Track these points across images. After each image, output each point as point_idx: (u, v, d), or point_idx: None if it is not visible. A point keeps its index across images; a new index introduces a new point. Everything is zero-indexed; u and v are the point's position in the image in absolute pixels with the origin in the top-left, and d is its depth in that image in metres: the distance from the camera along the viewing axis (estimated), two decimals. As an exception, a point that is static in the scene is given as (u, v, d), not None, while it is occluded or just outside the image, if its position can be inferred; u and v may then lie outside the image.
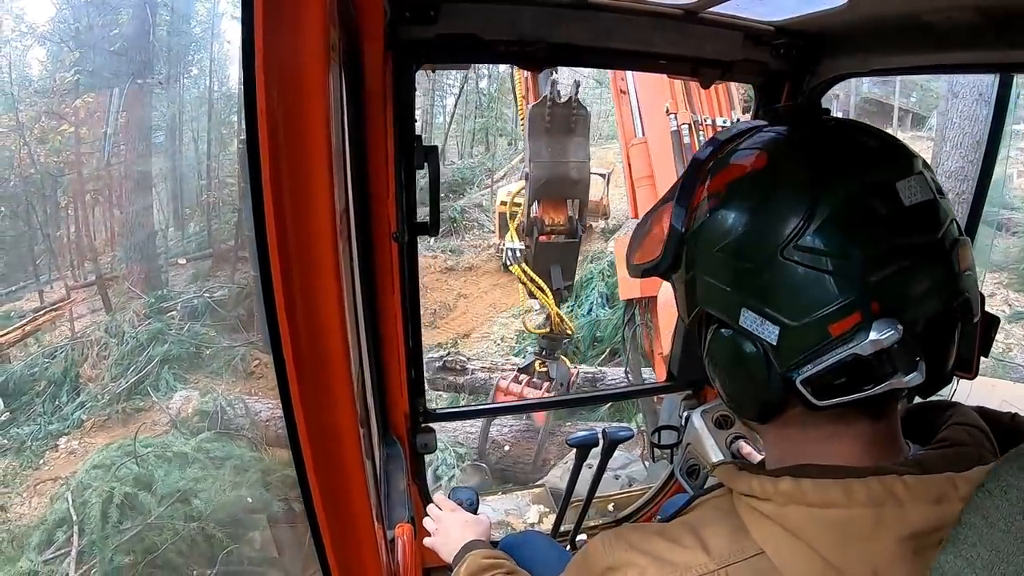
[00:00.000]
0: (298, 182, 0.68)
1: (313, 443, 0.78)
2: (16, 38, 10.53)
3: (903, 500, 0.54)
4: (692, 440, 1.67)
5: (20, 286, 10.10)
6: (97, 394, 7.64)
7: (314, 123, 0.67)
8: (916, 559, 0.54)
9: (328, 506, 0.83)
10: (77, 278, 10.05)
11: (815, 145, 0.60)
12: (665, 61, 1.47)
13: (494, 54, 1.32)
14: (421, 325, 1.52)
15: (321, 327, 0.74)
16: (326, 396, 0.77)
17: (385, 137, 1.25)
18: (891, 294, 0.54)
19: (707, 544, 0.60)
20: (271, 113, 0.64)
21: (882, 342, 0.53)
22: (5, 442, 7.04)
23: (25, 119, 9.70)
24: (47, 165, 9.69)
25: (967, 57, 1.13)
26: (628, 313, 4.33)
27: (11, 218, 9.89)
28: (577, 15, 1.28)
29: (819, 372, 0.56)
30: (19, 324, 8.75)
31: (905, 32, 1.17)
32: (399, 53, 1.22)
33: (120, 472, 5.67)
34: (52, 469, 6.61)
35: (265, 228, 0.67)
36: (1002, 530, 0.48)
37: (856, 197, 0.55)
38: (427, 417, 1.60)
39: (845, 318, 0.54)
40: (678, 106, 3.77)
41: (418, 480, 1.65)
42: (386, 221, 1.32)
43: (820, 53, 1.42)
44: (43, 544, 5.34)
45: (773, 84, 1.51)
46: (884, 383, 0.55)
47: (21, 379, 7.91)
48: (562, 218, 4.11)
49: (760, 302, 0.57)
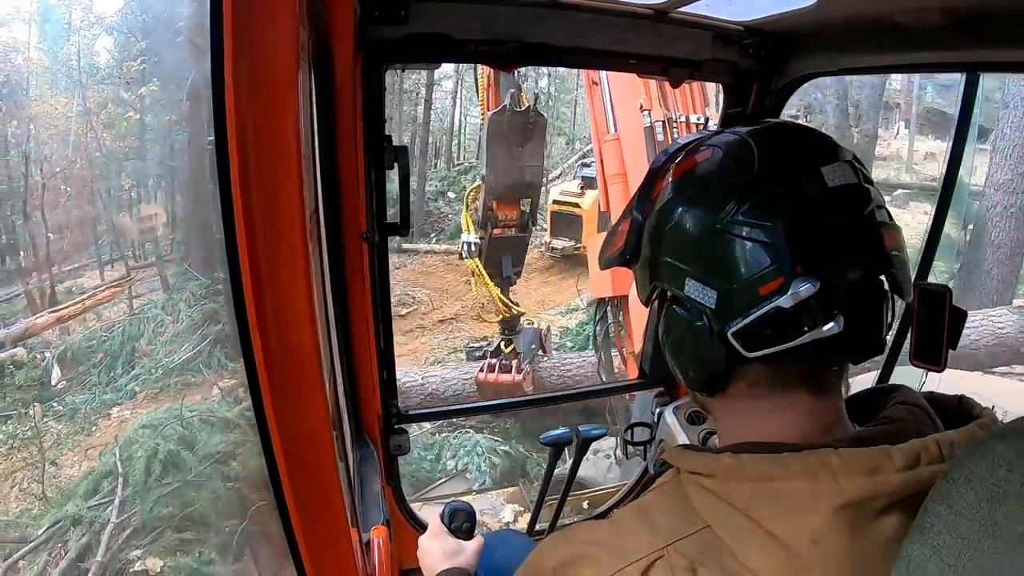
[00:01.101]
0: (267, 182, 0.67)
1: (286, 446, 0.78)
2: (85, 27, 11.22)
3: (837, 471, 0.57)
4: (665, 436, 1.68)
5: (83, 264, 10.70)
6: (151, 368, 8.02)
7: (284, 123, 0.67)
8: (854, 528, 0.57)
9: (302, 509, 0.83)
10: (138, 258, 10.75)
11: (756, 139, 0.66)
12: (636, 60, 1.49)
13: (465, 54, 1.32)
14: (392, 325, 1.51)
15: (292, 328, 0.73)
16: (298, 398, 0.77)
17: (355, 137, 1.24)
18: (813, 260, 0.60)
19: (655, 524, 0.64)
20: (240, 113, 0.64)
21: (800, 295, 0.59)
22: (60, 408, 7.52)
23: (92, 105, 10.27)
24: (112, 149, 10.33)
25: (935, 56, 1.17)
26: (600, 312, 4.39)
27: (76, 199, 10.37)
28: (548, 14, 1.29)
29: (747, 324, 0.61)
30: (80, 299, 9.27)
31: (873, 32, 1.20)
32: (369, 53, 1.21)
33: (166, 432, 6.04)
34: (103, 436, 6.91)
35: (234, 229, 0.67)
36: (967, 518, 0.49)
37: (786, 179, 0.62)
38: (400, 418, 1.58)
39: (772, 280, 0.60)
40: (652, 103, 3.75)
41: (392, 482, 1.64)
42: (356, 221, 1.30)
43: (789, 52, 1.45)
44: (89, 492, 5.79)
45: (742, 83, 1.53)
46: (806, 334, 0.60)
47: (79, 350, 8.40)
48: (515, 214, 4.43)
49: (702, 271, 0.64)
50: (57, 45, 11.15)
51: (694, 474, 0.64)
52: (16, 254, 10.30)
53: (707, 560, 0.60)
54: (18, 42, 10.89)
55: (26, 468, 6.52)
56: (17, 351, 8.11)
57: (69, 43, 11.02)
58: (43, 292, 9.63)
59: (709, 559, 0.60)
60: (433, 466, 6.36)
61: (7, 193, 9.94)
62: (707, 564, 0.59)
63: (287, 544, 0.85)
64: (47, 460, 6.51)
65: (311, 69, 0.97)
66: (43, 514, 5.77)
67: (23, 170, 10.03)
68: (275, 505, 0.83)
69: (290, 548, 0.85)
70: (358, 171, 1.26)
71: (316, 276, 0.81)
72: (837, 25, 1.28)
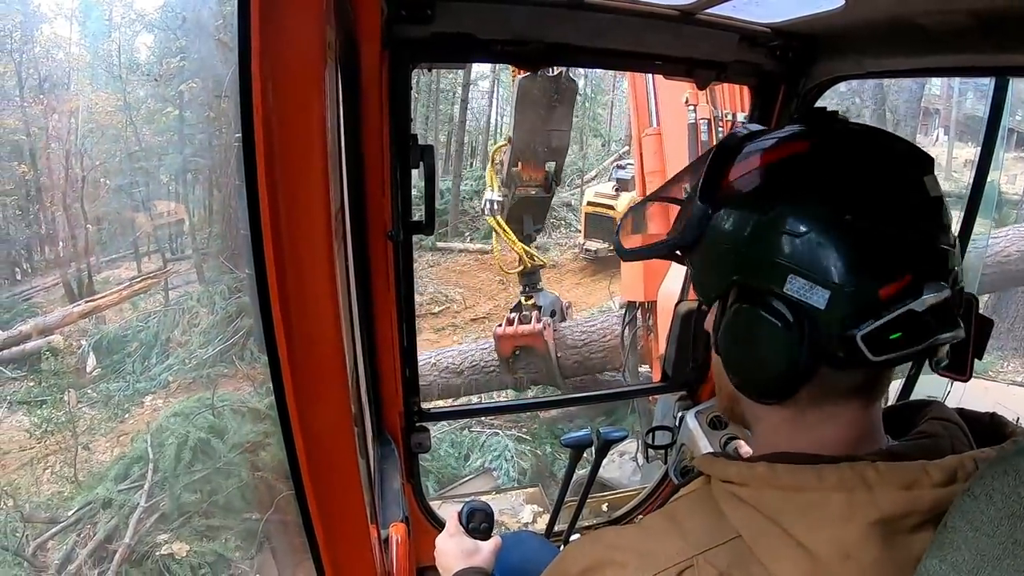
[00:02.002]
0: (293, 181, 0.68)
1: (307, 442, 0.78)
2: (125, 24, 11.57)
3: (873, 485, 0.56)
4: (686, 441, 1.66)
5: (120, 255, 11.06)
6: (185, 358, 8.21)
7: (310, 122, 0.67)
8: (887, 543, 0.55)
9: (322, 505, 0.83)
10: (175, 251, 10.97)
11: (855, 138, 0.64)
12: (660, 62, 1.48)
13: (490, 53, 1.31)
14: (416, 324, 1.51)
15: (316, 326, 0.74)
16: (320, 394, 0.77)
17: (381, 136, 1.24)
18: (927, 265, 0.59)
19: (685, 532, 0.62)
20: (267, 112, 0.64)
21: (930, 300, 0.57)
22: (95, 395, 7.74)
23: (132, 100, 10.61)
24: (151, 144, 10.59)
25: (961, 60, 1.14)
26: (629, 315, 4.33)
27: (115, 191, 10.76)
28: (573, 15, 1.28)
29: (878, 328, 0.58)
30: (116, 289, 9.55)
31: (899, 35, 1.18)
32: (395, 52, 1.21)
33: (197, 420, 6.18)
34: (135, 423, 7.09)
35: (260, 227, 0.67)
36: (987, 535, 0.48)
37: (898, 184, 0.60)
38: (421, 416, 1.59)
39: (893, 282, 0.58)
40: (698, 97, 3.50)
41: (412, 479, 1.64)
42: (381, 220, 1.31)
43: (815, 55, 1.43)
44: (120, 476, 5.94)
45: (768, 86, 1.51)
46: (931, 339, 0.59)
47: (115, 339, 8.63)
48: (540, 175, 4.39)
49: (810, 269, 0.59)
50: (98, 42, 11.49)
51: (727, 482, 0.63)
52: (55, 244, 10.66)
53: (736, 571, 0.59)
54: (60, 38, 11.29)
55: (59, 452, 6.72)
56: (54, 339, 8.37)
57: (110, 40, 11.36)
58: (81, 282, 9.96)
59: (739, 570, 0.59)
60: (460, 464, 6.43)
61: (48, 185, 10.28)
62: (736, 575, 0.58)
63: (306, 538, 0.86)
64: (80, 444, 6.72)
65: (338, 68, 0.97)
66: (73, 496, 5.97)
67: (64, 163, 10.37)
68: (296, 499, 0.84)
69: (309, 542, 0.86)
70: (384, 169, 1.27)
71: (340, 274, 0.81)
72: (863, 28, 1.26)
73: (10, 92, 10.18)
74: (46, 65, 10.65)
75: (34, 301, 9.89)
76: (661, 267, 3.78)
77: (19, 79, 10.26)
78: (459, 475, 6.21)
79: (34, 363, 8.11)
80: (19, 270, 10.49)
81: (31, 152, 10.27)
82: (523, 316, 5.06)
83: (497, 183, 4.50)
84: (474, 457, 6.48)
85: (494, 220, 4.64)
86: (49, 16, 11.08)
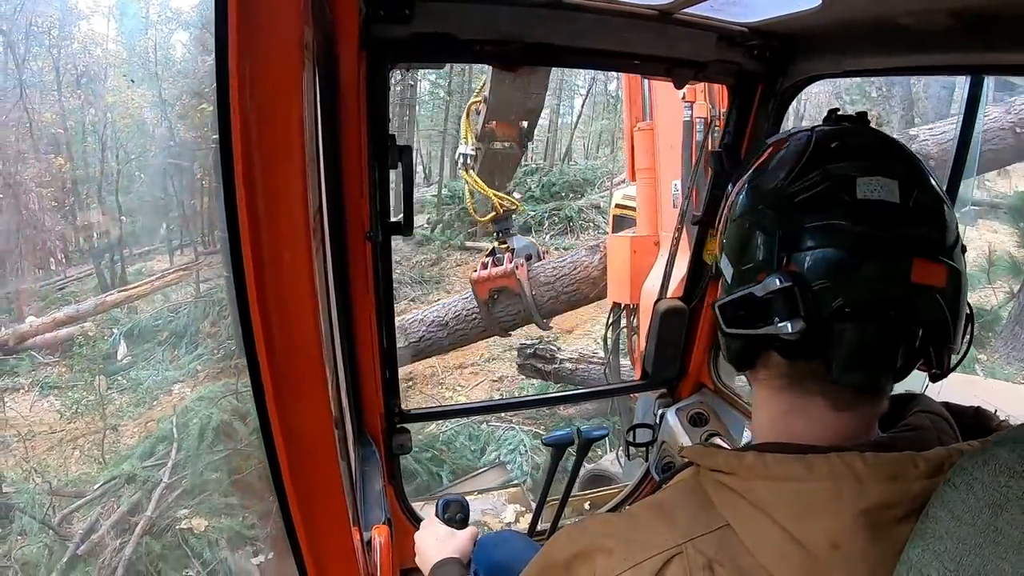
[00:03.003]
0: (271, 181, 0.67)
1: (288, 444, 0.77)
2: (161, 22, 11.92)
3: (862, 476, 0.57)
4: (667, 438, 1.68)
5: (153, 247, 11.36)
6: (213, 348, 8.38)
7: (288, 122, 0.66)
8: (874, 533, 0.56)
9: (304, 507, 0.82)
10: (207, 244, 11.12)
11: (819, 138, 0.66)
12: (640, 61, 1.47)
13: (470, 53, 1.31)
14: (395, 326, 1.50)
15: (295, 327, 0.73)
16: (300, 396, 0.76)
17: (359, 136, 1.24)
18: (809, 264, 0.61)
19: (674, 520, 0.63)
20: (244, 112, 0.63)
21: (768, 287, 0.61)
22: (124, 382, 7.97)
23: (168, 97, 10.79)
24: (186, 139, 10.76)
25: (940, 59, 1.14)
26: (614, 315, 4.27)
27: (149, 185, 11.06)
28: (553, 15, 1.27)
29: (728, 301, 0.66)
30: (148, 280, 9.78)
31: (878, 34, 1.17)
32: (374, 52, 1.21)
33: (221, 403, 6.34)
34: (163, 410, 7.24)
35: (238, 227, 0.67)
36: (968, 523, 0.49)
37: (817, 181, 0.62)
38: (402, 418, 1.60)
39: (765, 270, 0.63)
40: (696, 94, 3.26)
41: (394, 481, 1.65)
42: (360, 221, 1.31)
43: (793, 54, 1.43)
44: (145, 454, 6.15)
45: (746, 85, 1.52)
46: (768, 325, 0.62)
47: (146, 329, 8.85)
48: (513, 132, 4.43)
49: (729, 249, 0.69)
50: (134, 38, 11.80)
51: (715, 471, 0.64)
52: (90, 235, 11.00)
53: (724, 559, 0.59)
54: (97, 35, 11.62)
55: (88, 434, 6.94)
56: (86, 326, 8.67)
57: (146, 37, 11.65)
58: (113, 272, 10.26)
59: (727, 558, 0.59)
60: (475, 457, 6.48)
61: (83, 178, 10.60)
62: (724, 563, 0.59)
63: (288, 542, 0.85)
64: (108, 427, 6.93)
65: (316, 68, 0.97)
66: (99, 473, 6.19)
67: (99, 156, 10.69)
68: (277, 503, 0.83)
69: (291, 546, 0.85)
70: (362, 170, 1.27)
71: (319, 274, 0.81)
72: (841, 27, 1.25)
73: (48, 87, 10.53)
74: (83, 61, 10.98)
75: (68, 290, 10.23)
76: (648, 269, 3.70)
77: (57, 74, 10.60)
78: (474, 467, 6.26)
79: (66, 349, 8.40)
80: (53, 260, 10.85)
81: (67, 145, 10.61)
82: (496, 259, 5.12)
83: (472, 137, 4.54)
84: (490, 450, 6.53)
85: (466, 175, 4.71)
86: (86, 13, 11.44)
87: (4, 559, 5.00)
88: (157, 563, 5.14)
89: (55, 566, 4.94)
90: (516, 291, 5.13)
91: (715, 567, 0.59)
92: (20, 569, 4.90)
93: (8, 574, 4.87)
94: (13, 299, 9.09)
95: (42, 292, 9.79)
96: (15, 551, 5.09)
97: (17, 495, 5.70)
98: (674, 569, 0.60)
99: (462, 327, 5.82)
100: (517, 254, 5.03)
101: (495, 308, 5.28)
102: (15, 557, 5.01)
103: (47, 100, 10.50)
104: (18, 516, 5.38)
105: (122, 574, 4.97)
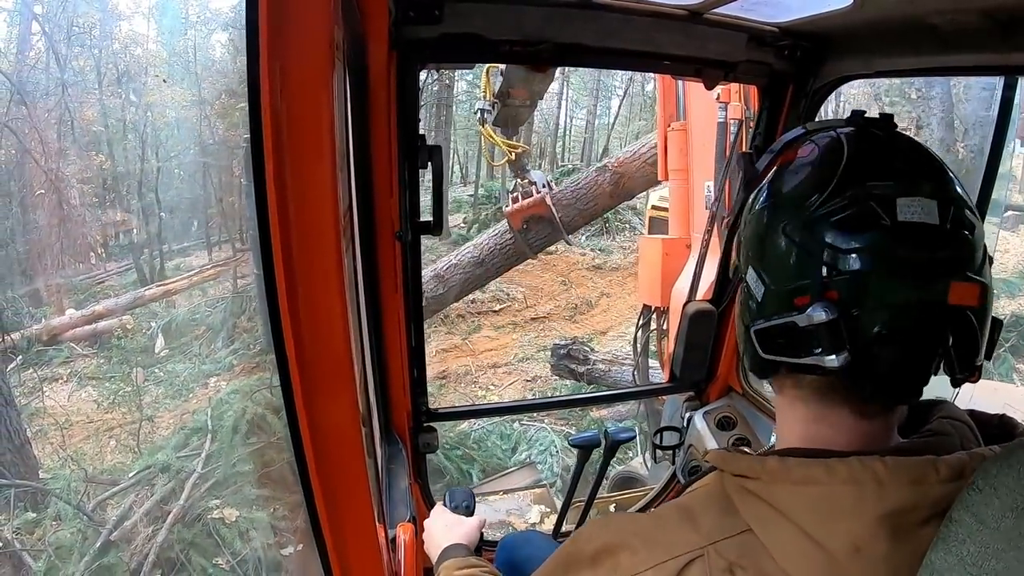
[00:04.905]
0: (301, 181, 0.68)
1: (315, 441, 0.78)
2: (200, 23, 12.16)
3: (883, 479, 0.57)
4: (694, 441, 1.66)
5: (191, 243, 11.60)
6: (250, 343, 8.48)
7: (318, 122, 0.67)
8: (895, 537, 0.56)
9: (329, 504, 0.84)
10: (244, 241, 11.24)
11: (853, 150, 0.64)
12: (669, 62, 1.46)
13: (498, 54, 1.31)
14: (424, 324, 1.52)
15: (324, 325, 0.74)
16: (328, 394, 0.77)
17: (389, 136, 1.25)
18: (850, 289, 0.59)
19: (697, 523, 0.64)
20: (275, 112, 0.64)
21: (813, 319, 0.59)
22: (161, 375, 8.12)
23: (207, 96, 10.97)
24: (225, 137, 10.93)
25: (972, 59, 1.12)
26: (644, 317, 4.25)
27: (188, 182, 11.37)
28: (582, 15, 1.27)
29: (766, 328, 0.64)
30: (186, 275, 9.98)
31: (909, 34, 1.15)
32: (403, 52, 1.21)
33: (256, 397, 6.41)
34: (198, 403, 7.36)
35: (268, 226, 0.67)
36: (992, 527, 0.49)
37: (857, 199, 0.60)
38: (429, 416, 1.60)
39: (805, 295, 0.61)
40: (731, 95, 3.15)
41: (420, 479, 1.66)
42: (389, 220, 1.32)
43: (824, 54, 1.41)
44: (180, 445, 6.27)
45: (777, 85, 1.50)
46: (810, 356, 0.61)
47: (183, 323, 9.01)
48: (525, 95, 4.77)
49: (760, 264, 0.66)
50: (174, 39, 12.11)
51: (738, 476, 0.64)
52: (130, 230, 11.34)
53: (746, 563, 0.59)
54: (138, 35, 11.96)
55: (124, 424, 7.12)
56: (125, 319, 8.92)
57: (185, 37, 11.92)
58: (152, 267, 10.56)
59: (749, 562, 0.60)
60: (506, 456, 6.47)
61: (124, 174, 10.93)
62: (746, 567, 0.59)
63: (313, 538, 0.86)
64: (144, 417, 7.08)
65: (346, 69, 0.98)
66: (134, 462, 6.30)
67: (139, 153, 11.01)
68: (303, 499, 0.84)
69: (316, 542, 0.87)
70: (392, 170, 1.27)
71: (349, 273, 0.81)
72: (873, 27, 1.23)
73: (90, 86, 10.86)
74: (124, 60, 11.29)
75: (107, 284, 10.52)
76: (679, 272, 3.64)
77: (98, 73, 10.92)
78: (504, 466, 6.23)
79: (105, 342, 8.62)
80: (93, 254, 11.19)
81: (108, 143, 10.92)
82: (524, 192, 5.72)
83: (490, 94, 4.84)
84: (521, 450, 6.52)
85: (485, 129, 5.14)
86: (127, 14, 11.77)
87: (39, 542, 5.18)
88: (188, 551, 5.26)
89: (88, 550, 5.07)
90: (546, 216, 5.70)
91: (736, 571, 0.59)
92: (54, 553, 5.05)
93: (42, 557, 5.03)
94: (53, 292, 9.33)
95: (82, 286, 10.04)
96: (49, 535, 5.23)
97: (53, 481, 5.87)
98: (695, 571, 0.60)
99: (497, 260, 6.50)
100: (539, 184, 5.65)
101: (528, 235, 5.93)
102: (49, 541, 5.15)
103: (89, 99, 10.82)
104: (53, 502, 5.55)
105: (154, 560, 5.10)
